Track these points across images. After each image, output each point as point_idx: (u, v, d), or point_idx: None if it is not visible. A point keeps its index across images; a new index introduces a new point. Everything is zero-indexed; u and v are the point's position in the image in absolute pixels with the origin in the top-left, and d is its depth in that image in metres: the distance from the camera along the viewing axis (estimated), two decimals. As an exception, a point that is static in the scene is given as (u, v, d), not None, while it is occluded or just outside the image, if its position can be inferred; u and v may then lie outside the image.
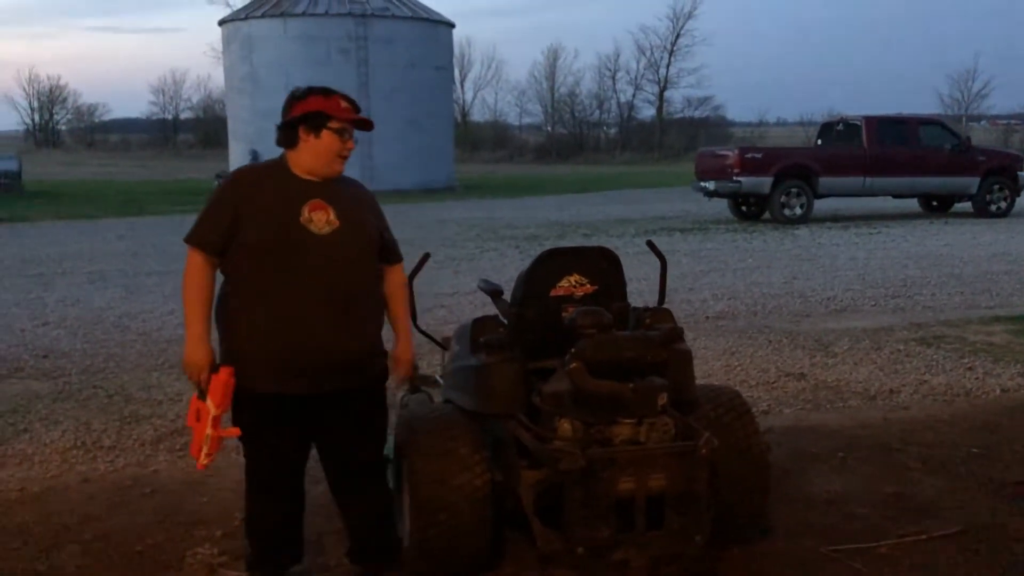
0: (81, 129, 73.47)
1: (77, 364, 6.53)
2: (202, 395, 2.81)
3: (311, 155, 2.88)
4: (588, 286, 3.37)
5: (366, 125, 2.96)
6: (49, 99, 72.43)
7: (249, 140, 28.01)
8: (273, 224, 2.81)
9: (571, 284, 3.36)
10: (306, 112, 2.86)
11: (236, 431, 2.84)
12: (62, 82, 78.84)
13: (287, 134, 2.90)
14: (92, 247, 14.11)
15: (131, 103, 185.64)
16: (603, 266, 3.41)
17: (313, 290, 2.81)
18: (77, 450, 4.66)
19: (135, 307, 8.76)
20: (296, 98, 2.90)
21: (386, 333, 3.11)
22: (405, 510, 3.26)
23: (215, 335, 2.93)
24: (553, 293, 3.35)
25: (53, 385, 5.97)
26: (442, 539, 3.04)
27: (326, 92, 2.91)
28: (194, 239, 2.88)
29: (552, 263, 3.37)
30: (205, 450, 2.78)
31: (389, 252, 3.09)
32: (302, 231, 2.81)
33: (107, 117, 76.22)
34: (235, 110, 30.07)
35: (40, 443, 4.77)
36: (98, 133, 73.00)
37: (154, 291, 9.66)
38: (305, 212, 2.83)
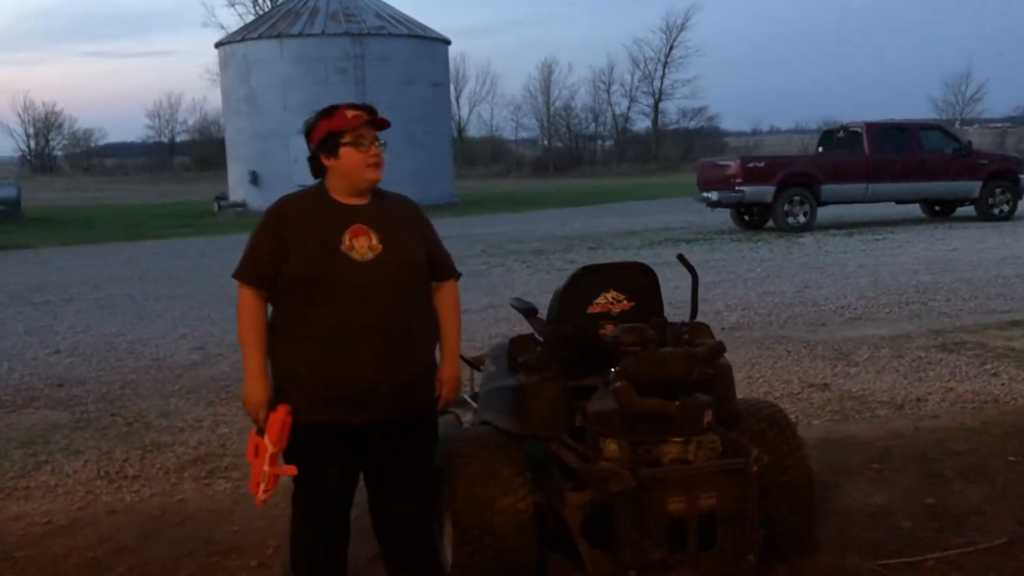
0: (77, 154, 73.38)
1: (93, 392, 6.47)
2: (260, 431, 2.79)
3: (340, 177, 2.84)
4: (625, 302, 3.33)
5: (381, 124, 2.88)
6: (45, 125, 72.40)
7: (248, 161, 28.03)
8: (314, 254, 2.75)
9: (608, 301, 3.32)
10: (320, 139, 2.82)
11: (293, 469, 2.79)
12: (57, 108, 78.81)
13: (315, 165, 2.88)
14: (97, 273, 14.04)
15: (127, 127, 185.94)
16: (640, 282, 3.37)
17: (356, 319, 2.74)
18: (101, 480, 4.60)
19: (146, 332, 8.69)
20: (310, 128, 2.87)
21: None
22: (446, 536, 3.21)
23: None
24: (590, 310, 3.31)
25: (70, 414, 5.90)
26: (487, 564, 2.99)
27: (329, 111, 2.86)
28: (243, 275, 2.84)
29: (588, 280, 3.33)
30: (263, 486, 2.76)
31: (439, 268, 3.01)
32: (343, 259, 2.75)
33: (103, 142, 76.13)
34: (233, 132, 30.06)
35: (63, 474, 4.71)
36: (95, 158, 72.90)
37: (163, 316, 9.59)
38: (346, 240, 2.77)
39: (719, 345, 3.12)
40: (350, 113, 2.83)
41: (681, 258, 3.85)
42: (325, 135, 2.81)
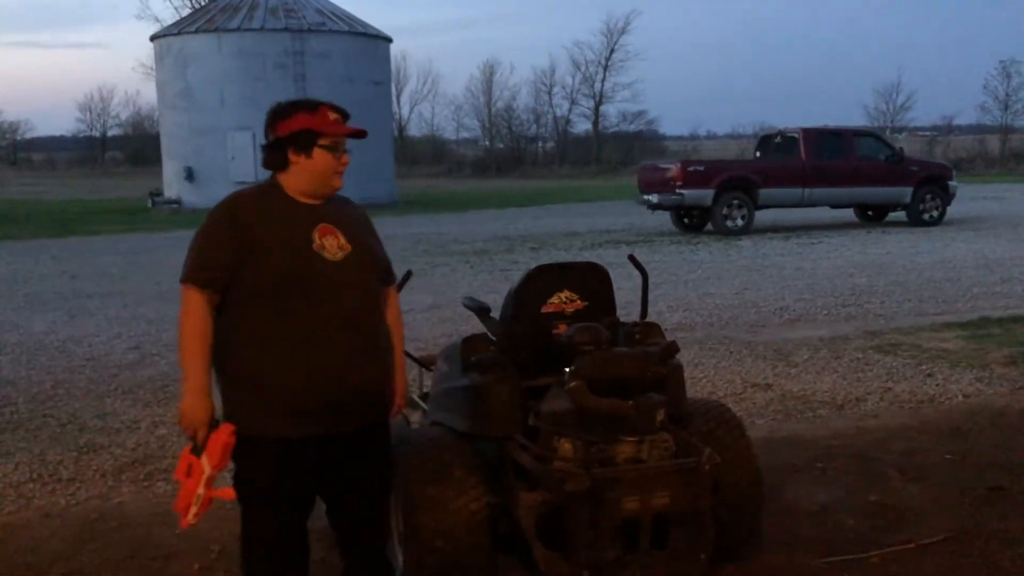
0: (3, 147, 71.19)
1: (23, 392, 6.25)
2: (196, 450, 2.57)
3: (305, 176, 2.67)
4: (579, 302, 3.32)
5: (359, 134, 2.76)
6: (-31, 117, 70.08)
7: (184, 158, 27.46)
8: (285, 254, 2.57)
9: (562, 300, 3.31)
10: (293, 131, 2.65)
11: (231, 493, 2.60)
12: (-17, 99, 76.26)
13: (275, 156, 2.68)
14: (26, 269, 13.61)
15: (57, 120, 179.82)
16: (593, 281, 3.37)
17: (331, 321, 2.60)
18: (34, 483, 4.44)
19: (79, 331, 8.43)
20: (279, 116, 2.68)
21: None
22: (396, 537, 3.16)
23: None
24: (544, 310, 3.29)
25: (-1, 415, 5.70)
26: (440, 566, 2.95)
27: (311, 106, 2.70)
28: (194, 278, 2.58)
29: (542, 279, 3.31)
30: (194, 509, 2.55)
31: (387, 273, 2.92)
32: (316, 259, 2.60)
33: (31, 135, 74.09)
34: (169, 127, 29.41)
35: (-8, 477, 4.53)
36: (22, 152, 70.81)
37: (96, 314, 9.32)
38: (316, 238, 2.62)
39: (672, 345, 3.14)
40: (332, 115, 2.69)
41: (632, 259, 3.88)
42: (302, 130, 2.64)
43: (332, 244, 2.65)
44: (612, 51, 59.77)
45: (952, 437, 4.84)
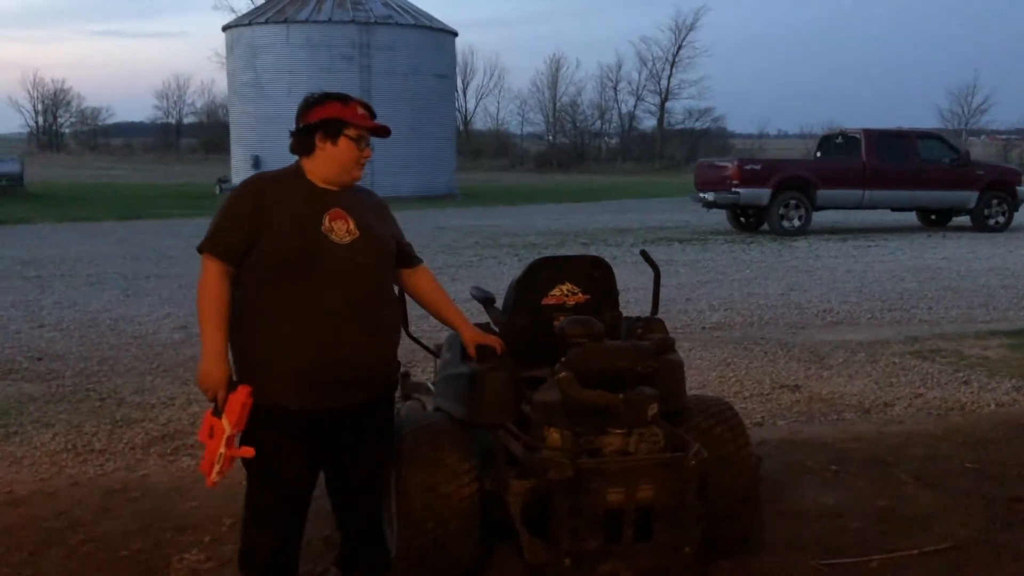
0: (85, 132, 73.54)
1: (71, 367, 6.51)
2: (217, 412, 2.72)
3: (328, 163, 2.81)
4: (580, 295, 3.36)
5: (383, 132, 2.88)
6: (53, 102, 72.60)
7: (251, 145, 28.08)
8: (294, 233, 2.71)
9: (563, 293, 3.36)
10: (323, 119, 2.78)
11: (250, 451, 2.71)
12: (66, 85, 78.69)
13: (302, 141, 2.82)
14: (92, 250, 14.10)
15: (135, 107, 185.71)
16: (595, 275, 3.41)
17: (335, 300, 2.72)
18: (67, 453, 4.65)
19: (131, 310, 8.74)
20: (312, 104, 2.82)
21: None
22: (393, 518, 3.25)
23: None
24: (545, 302, 3.34)
25: (46, 387, 5.95)
26: (429, 548, 3.02)
27: (344, 99, 2.83)
28: (211, 248, 2.74)
29: (544, 271, 3.36)
30: (217, 468, 2.69)
31: (409, 256, 3.06)
32: (323, 241, 2.73)
33: (111, 121, 76.35)
34: (238, 115, 30.10)
35: (31, 445, 4.75)
36: (101, 137, 73.08)
37: (151, 295, 9.63)
38: (326, 221, 2.75)
39: (667, 340, 3.16)
40: (361, 110, 2.82)
41: (644, 254, 3.89)
42: (332, 118, 2.78)
43: (341, 228, 2.77)
44: (680, 47, 59.30)
45: (976, 446, 4.75)
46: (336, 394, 2.77)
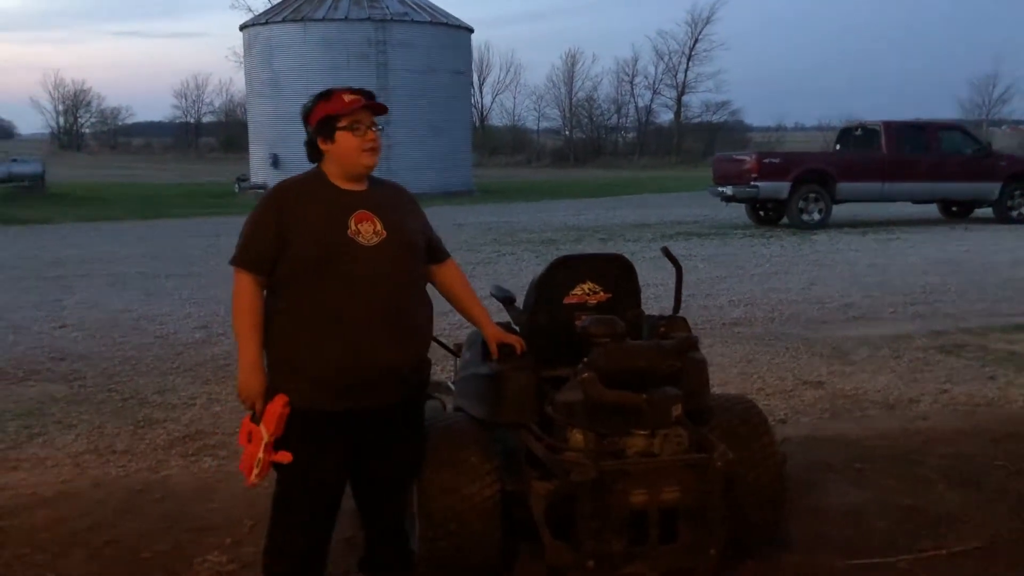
0: (105, 132, 74.18)
1: (93, 367, 6.55)
2: (255, 419, 2.77)
3: (337, 161, 2.82)
4: (602, 294, 3.33)
5: (378, 109, 2.86)
6: (74, 103, 73.23)
7: (270, 144, 28.16)
8: (321, 239, 2.72)
9: (584, 292, 3.32)
10: (317, 122, 2.81)
11: (288, 456, 2.75)
12: (86, 86, 79.53)
13: (310, 150, 2.87)
14: (113, 250, 14.19)
15: (154, 107, 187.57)
16: (617, 274, 3.37)
17: (365, 303, 2.73)
18: (90, 454, 4.66)
19: (153, 310, 8.78)
20: (306, 112, 2.85)
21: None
22: (414, 518, 3.23)
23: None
24: (566, 300, 3.31)
25: (69, 388, 5.98)
26: (451, 549, 3.01)
27: (326, 94, 2.84)
28: (243, 262, 2.78)
29: (566, 270, 3.33)
30: (256, 471, 2.74)
31: (437, 251, 3.05)
32: (351, 244, 2.73)
33: (130, 120, 77.12)
34: (256, 114, 30.22)
35: (54, 447, 4.78)
36: (121, 136, 73.68)
37: (172, 294, 9.68)
38: (352, 224, 2.75)
39: (690, 339, 3.12)
40: (347, 97, 2.81)
41: (666, 251, 3.84)
42: (322, 119, 2.79)
43: (368, 230, 2.77)
44: (696, 40, 59.02)
45: (1004, 443, 4.67)
46: (368, 395, 2.78)
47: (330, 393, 2.74)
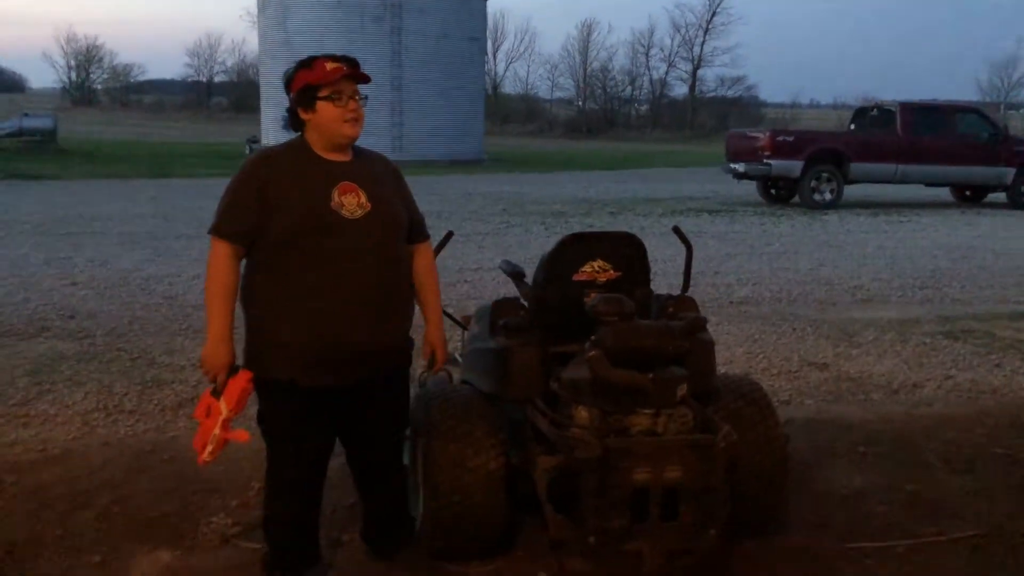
0: (117, 89, 73.85)
1: (102, 326, 6.59)
2: (216, 393, 2.73)
3: (318, 131, 2.76)
4: (612, 272, 3.32)
5: (361, 78, 2.78)
6: (86, 58, 72.90)
7: (281, 106, 27.38)
8: (303, 210, 2.67)
9: (594, 269, 3.32)
10: (297, 91, 2.74)
11: (245, 435, 2.75)
12: (99, 41, 79.15)
13: (292, 120, 2.80)
14: (123, 208, 14.23)
15: (167, 64, 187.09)
16: (628, 252, 3.36)
17: (348, 277, 2.70)
18: (99, 413, 4.71)
19: (162, 270, 8.82)
20: (286, 80, 2.79)
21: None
22: (419, 490, 3.26)
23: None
24: (576, 278, 3.30)
25: (78, 346, 6.03)
26: (455, 521, 3.04)
27: (307, 62, 2.76)
28: (220, 230, 2.70)
29: (576, 247, 3.32)
30: (210, 448, 2.71)
31: (415, 231, 2.98)
32: (334, 216, 2.68)
33: (143, 77, 76.70)
34: (268, 76, 30.10)
35: (63, 404, 4.82)
36: (133, 93, 73.36)
37: (181, 255, 9.72)
38: (335, 196, 2.70)
39: (698, 320, 3.13)
40: (329, 66, 2.73)
41: (677, 230, 3.84)
42: (302, 88, 2.72)
43: (352, 202, 2.72)
44: (714, 14, 58.56)
45: (1008, 431, 4.68)
46: (346, 371, 2.77)
47: (311, 368, 2.72)
